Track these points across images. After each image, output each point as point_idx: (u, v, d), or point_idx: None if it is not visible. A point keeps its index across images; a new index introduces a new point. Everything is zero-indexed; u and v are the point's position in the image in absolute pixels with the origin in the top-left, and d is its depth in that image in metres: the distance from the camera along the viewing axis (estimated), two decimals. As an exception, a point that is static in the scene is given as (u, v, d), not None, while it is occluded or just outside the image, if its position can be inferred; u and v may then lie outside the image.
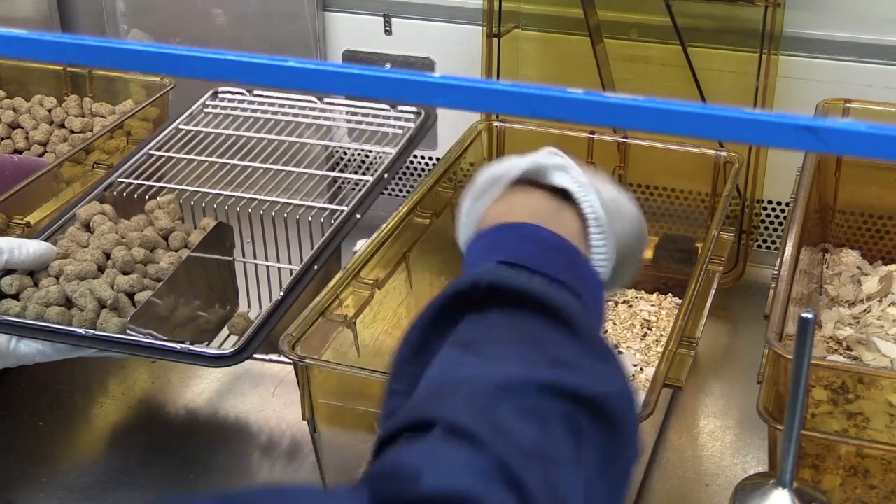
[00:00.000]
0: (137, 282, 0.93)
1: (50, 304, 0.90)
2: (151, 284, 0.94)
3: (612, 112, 0.35)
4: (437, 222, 1.07)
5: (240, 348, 0.86)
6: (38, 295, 0.91)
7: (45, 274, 0.94)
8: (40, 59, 0.57)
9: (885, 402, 0.77)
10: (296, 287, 0.92)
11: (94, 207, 1.02)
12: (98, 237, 0.98)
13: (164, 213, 1.02)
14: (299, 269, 0.94)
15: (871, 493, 0.80)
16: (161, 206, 1.03)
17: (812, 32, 1.16)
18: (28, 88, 1.32)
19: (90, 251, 0.95)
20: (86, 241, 0.98)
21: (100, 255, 0.95)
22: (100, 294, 0.91)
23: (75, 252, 0.96)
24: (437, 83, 0.36)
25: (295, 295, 0.91)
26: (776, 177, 1.21)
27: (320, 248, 0.96)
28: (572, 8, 1.18)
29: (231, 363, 0.86)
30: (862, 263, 1.13)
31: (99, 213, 1.01)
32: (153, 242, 0.98)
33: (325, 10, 1.34)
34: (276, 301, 0.90)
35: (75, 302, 0.91)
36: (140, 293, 0.92)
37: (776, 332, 0.78)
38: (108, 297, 0.90)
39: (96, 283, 0.91)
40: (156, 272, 0.95)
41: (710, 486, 0.94)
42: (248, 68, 0.38)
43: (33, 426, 1.02)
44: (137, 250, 0.96)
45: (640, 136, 1.13)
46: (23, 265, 0.94)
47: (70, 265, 0.93)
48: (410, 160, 1.39)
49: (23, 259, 0.93)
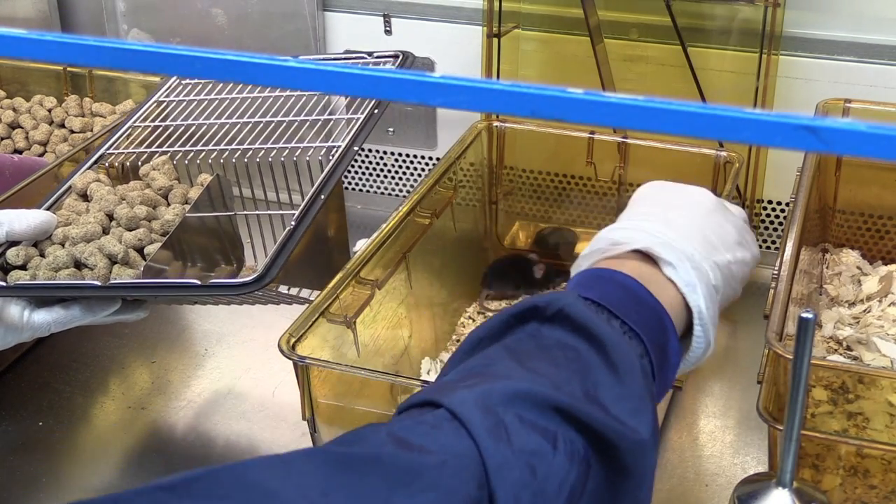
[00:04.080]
0: (145, 235, 0.92)
1: (59, 268, 0.90)
2: (159, 238, 0.93)
3: (612, 112, 0.35)
4: (437, 222, 1.07)
5: (260, 275, 0.85)
6: (47, 262, 0.90)
7: (50, 242, 0.93)
8: (40, 59, 0.57)
9: (885, 402, 0.77)
10: (305, 216, 0.91)
11: (90, 176, 1.01)
12: (98, 201, 0.97)
13: (161, 173, 1.01)
14: (307, 198, 0.92)
15: (871, 493, 0.80)
16: (156, 168, 1.02)
17: (812, 32, 1.16)
18: (28, 88, 1.32)
19: (92, 214, 0.95)
20: (85, 210, 0.97)
21: (103, 217, 0.94)
22: (109, 250, 0.90)
23: (76, 220, 0.95)
24: (437, 83, 0.36)
25: (306, 223, 0.90)
26: (776, 177, 1.21)
27: (324, 178, 0.94)
28: (572, 8, 1.18)
29: (253, 289, 0.84)
30: (862, 263, 1.13)
31: (94, 180, 1.01)
32: (154, 201, 0.98)
33: (325, 10, 1.34)
34: (289, 230, 0.89)
35: (85, 262, 0.90)
36: (149, 246, 0.92)
37: (776, 332, 0.78)
38: (118, 251, 0.90)
39: (104, 241, 0.91)
40: (161, 226, 0.94)
41: (710, 486, 0.94)
42: (248, 68, 0.38)
43: (33, 426, 1.02)
44: (140, 208, 0.95)
45: (640, 136, 1.13)
46: (24, 235, 0.92)
47: (74, 229, 0.92)
48: (410, 160, 1.39)
49: (24, 229, 0.92)
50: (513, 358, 0.59)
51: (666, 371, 0.66)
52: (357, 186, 1.43)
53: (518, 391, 0.55)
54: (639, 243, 0.69)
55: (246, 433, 1.01)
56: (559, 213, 1.22)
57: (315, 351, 0.85)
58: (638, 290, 0.66)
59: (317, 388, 0.84)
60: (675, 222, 0.71)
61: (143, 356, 1.12)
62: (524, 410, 0.55)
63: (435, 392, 0.56)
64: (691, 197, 0.76)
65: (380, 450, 0.51)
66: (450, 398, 0.55)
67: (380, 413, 0.86)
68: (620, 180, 1.17)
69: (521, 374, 0.57)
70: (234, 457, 0.98)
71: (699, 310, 0.68)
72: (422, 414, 0.55)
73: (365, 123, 1.01)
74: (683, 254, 0.68)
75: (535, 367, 0.58)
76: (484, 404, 0.54)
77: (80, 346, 1.13)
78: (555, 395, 0.56)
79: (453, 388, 0.56)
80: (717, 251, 0.71)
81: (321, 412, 0.85)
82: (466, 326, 1.13)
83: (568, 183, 1.20)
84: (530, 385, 0.56)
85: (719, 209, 0.76)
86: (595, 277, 0.67)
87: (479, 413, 0.53)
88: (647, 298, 0.66)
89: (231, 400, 1.05)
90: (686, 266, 0.68)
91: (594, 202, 1.20)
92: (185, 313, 1.19)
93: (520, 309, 0.64)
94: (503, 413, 0.54)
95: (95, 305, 0.90)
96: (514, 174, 1.22)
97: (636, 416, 0.58)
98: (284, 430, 1.01)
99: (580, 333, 0.61)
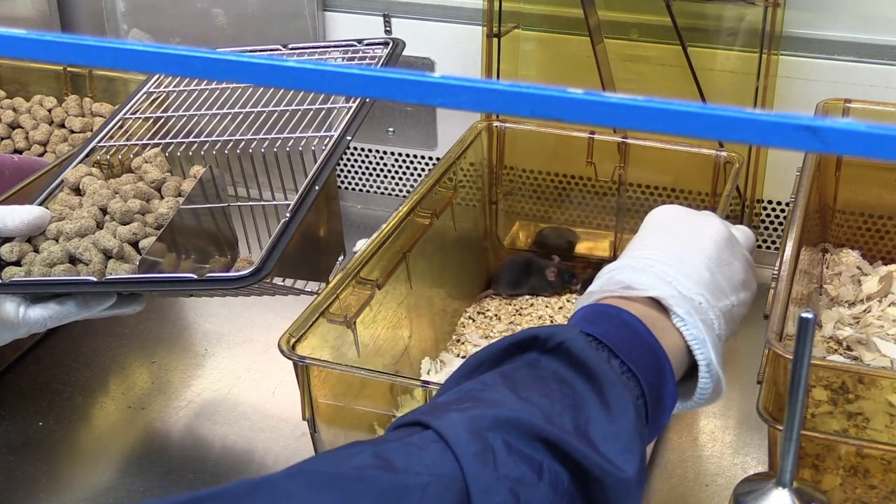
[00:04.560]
0: (139, 229, 0.92)
1: (54, 263, 0.89)
2: (153, 232, 0.93)
3: (612, 112, 0.35)
4: (437, 222, 1.07)
5: (256, 268, 0.84)
6: (41, 257, 0.90)
7: (44, 238, 0.93)
8: (40, 59, 0.57)
9: (885, 402, 0.77)
10: (300, 207, 0.90)
11: (82, 170, 1.01)
12: (91, 196, 0.96)
13: (153, 166, 1.01)
14: (301, 189, 0.91)
15: (871, 493, 0.80)
16: (148, 161, 1.02)
17: (812, 32, 1.16)
18: (28, 88, 1.32)
19: (86, 209, 0.94)
20: (78, 204, 0.97)
21: (96, 212, 0.94)
22: (104, 245, 0.90)
23: (69, 214, 0.95)
24: (437, 83, 0.36)
25: (301, 215, 0.89)
26: (776, 177, 1.21)
27: (318, 169, 0.93)
28: (572, 8, 1.18)
29: (251, 282, 0.84)
30: (862, 263, 1.13)
31: (87, 174, 1.00)
32: (147, 194, 0.97)
33: (325, 10, 1.34)
34: (285, 222, 0.89)
35: (80, 258, 0.90)
36: (144, 240, 0.92)
37: (776, 332, 0.78)
38: (113, 245, 0.89)
39: (99, 235, 0.91)
40: (155, 220, 0.94)
41: (710, 486, 0.94)
42: (248, 68, 0.38)
43: (33, 426, 1.02)
44: (133, 201, 0.95)
45: (640, 136, 1.13)
46: (17, 231, 0.92)
47: (68, 224, 0.92)
48: (410, 160, 1.39)
49: (17, 225, 0.92)
50: (508, 385, 0.60)
51: (660, 413, 0.66)
52: (357, 186, 1.43)
53: (509, 419, 0.56)
54: (652, 292, 0.69)
55: (246, 433, 1.01)
56: (559, 213, 1.22)
57: (315, 351, 0.85)
58: (642, 332, 0.66)
59: (317, 389, 0.84)
60: (686, 263, 0.71)
61: (143, 356, 1.12)
62: (513, 438, 0.55)
63: (425, 413, 0.57)
64: (704, 230, 0.76)
65: (364, 471, 0.51)
66: (439, 420, 0.55)
67: (380, 413, 0.86)
68: (620, 180, 1.17)
69: (514, 402, 0.58)
70: (234, 457, 0.98)
71: (709, 362, 0.69)
72: (410, 434, 0.55)
73: (357, 112, 1.00)
74: (692, 306, 0.69)
75: (529, 397, 0.59)
76: (473, 428, 0.55)
77: (80, 346, 1.13)
78: (545, 426, 0.56)
79: (445, 411, 0.57)
80: (723, 296, 0.72)
81: (321, 412, 0.85)
82: (466, 326, 1.13)
83: (568, 183, 1.20)
84: (521, 414, 0.56)
85: (730, 244, 0.76)
86: (600, 314, 0.68)
87: (467, 436, 0.54)
88: (650, 341, 0.66)
89: (231, 400, 1.05)
90: (695, 321, 0.68)
91: (594, 202, 1.20)
92: (185, 313, 1.19)
93: (521, 338, 0.64)
94: (492, 439, 0.55)
95: (91, 300, 0.90)
96: (514, 174, 1.22)
97: (623, 455, 0.59)
98: (284, 430, 1.01)
99: (578, 369, 0.62)
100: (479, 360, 0.64)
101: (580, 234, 1.22)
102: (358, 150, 1.41)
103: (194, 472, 0.96)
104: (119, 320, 1.15)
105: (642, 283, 0.69)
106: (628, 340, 0.65)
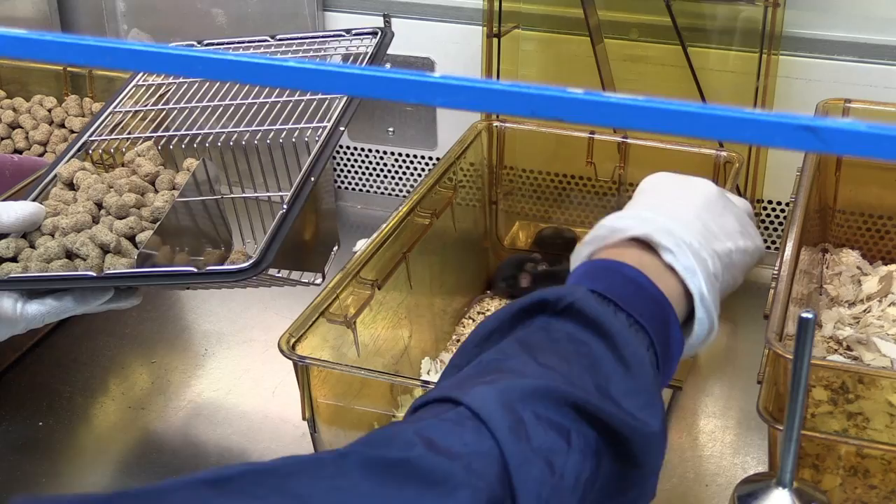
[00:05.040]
0: (136, 223, 0.92)
1: (51, 259, 0.89)
2: (149, 226, 0.93)
3: (612, 112, 0.35)
4: (437, 222, 1.07)
5: (257, 260, 0.84)
6: (38, 253, 0.90)
7: (39, 234, 0.93)
8: (40, 59, 0.57)
9: (885, 402, 0.77)
10: (297, 199, 0.89)
11: (75, 164, 1.01)
12: (85, 190, 0.96)
13: (146, 159, 1.00)
14: (297, 180, 0.91)
15: (871, 493, 0.80)
16: (141, 154, 1.02)
17: (812, 32, 1.16)
18: (28, 88, 1.32)
19: (81, 203, 0.94)
20: (72, 199, 0.97)
21: (91, 206, 0.94)
22: (101, 239, 0.90)
23: (64, 209, 0.95)
24: (437, 83, 0.36)
25: (299, 206, 0.89)
26: (776, 177, 1.21)
27: (313, 160, 0.93)
28: (572, 8, 1.18)
29: (251, 275, 0.84)
30: (862, 263, 1.13)
31: (80, 169, 1.00)
32: (142, 188, 0.97)
33: (325, 10, 1.34)
34: (282, 214, 0.88)
35: (77, 252, 0.89)
36: (140, 234, 0.92)
37: (776, 332, 0.78)
38: (110, 240, 0.89)
39: (96, 230, 0.90)
40: (151, 213, 0.94)
41: (710, 486, 0.94)
42: (248, 68, 0.38)
43: (33, 426, 1.02)
44: (128, 195, 0.94)
45: (640, 136, 1.13)
46: (13, 227, 0.92)
47: (64, 219, 0.92)
48: (410, 160, 1.39)
49: (12, 221, 0.91)
50: (526, 352, 0.60)
51: (669, 362, 0.66)
52: (357, 186, 1.43)
53: (535, 388, 0.56)
54: (637, 230, 0.69)
55: (246, 433, 1.01)
56: (559, 213, 1.22)
57: (315, 351, 0.85)
58: (643, 283, 0.66)
59: (317, 389, 0.84)
60: (675, 211, 0.72)
61: (143, 356, 1.12)
62: (540, 407, 0.56)
63: (454, 388, 0.57)
64: (694, 188, 0.77)
65: (410, 452, 0.51)
66: (470, 396, 0.56)
67: (380, 413, 0.86)
68: (620, 180, 1.17)
69: (536, 369, 0.58)
70: (234, 457, 0.98)
71: (700, 293, 0.68)
72: (444, 411, 0.56)
73: (350, 102, 0.99)
74: (682, 240, 0.69)
75: (548, 361, 0.59)
76: (504, 402, 0.55)
77: (80, 346, 1.13)
78: (569, 391, 0.57)
79: (473, 384, 0.57)
80: (716, 239, 0.72)
81: (321, 412, 0.85)
82: (466, 326, 1.13)
83: (568, 183, 1.20)
84: (546, 381, 0.57)
85: (721, 199, 0.76)
86: (601, 269, 0.68)
87: (499, 411, 0.54)
88: (652, 290, 0.66)
89: (231, 400, 1.05)
90: (685, 251, 0.68)
91: (594, 202, 1.20)
92: (185, 313, 1.19)
93: (529, 302, 0.64)
94: (522, 410, 0.55)
95: (89, 295, 0.90)
96: (514, 174, 1.22)
97: (646, 410, 0.60)
98: (284, 430, 1.01)
99: (591, 328, 0.62)
100: (489, 329, 0.64)
101: (580, 234, 1.22)
102: (358, 150, 1.41)
103: (194, 472, 0.96)
104: (119, 320, 1.15)
105: (629, 226, 0.70)
106: (632, 293, 0.65)
